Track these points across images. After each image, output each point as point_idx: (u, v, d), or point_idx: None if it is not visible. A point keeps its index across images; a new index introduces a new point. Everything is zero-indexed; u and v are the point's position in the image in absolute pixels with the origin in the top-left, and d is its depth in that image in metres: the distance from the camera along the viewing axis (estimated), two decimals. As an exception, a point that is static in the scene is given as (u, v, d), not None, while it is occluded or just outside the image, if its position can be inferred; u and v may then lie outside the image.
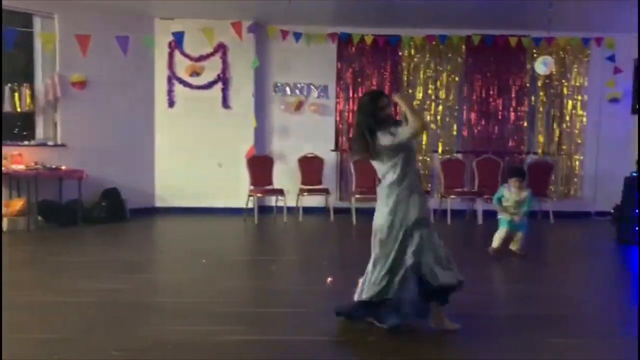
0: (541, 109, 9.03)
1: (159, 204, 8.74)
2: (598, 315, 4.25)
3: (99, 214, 7.67)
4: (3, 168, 6.85)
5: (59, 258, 5.63)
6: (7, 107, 7.43)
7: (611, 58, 8.59)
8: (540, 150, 9.03)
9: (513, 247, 6.11)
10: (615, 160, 8.57)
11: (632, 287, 5.31)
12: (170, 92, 8.67)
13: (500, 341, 3.56)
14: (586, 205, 9.03)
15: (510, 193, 6.04)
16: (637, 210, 6.72)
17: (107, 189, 7.90)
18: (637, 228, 6.73)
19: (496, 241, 6.01)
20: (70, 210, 7.44)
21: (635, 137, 8.83)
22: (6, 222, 6.84)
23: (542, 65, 7.96)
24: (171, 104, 8.67)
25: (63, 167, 7.46)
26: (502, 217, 6.07)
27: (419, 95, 8.95)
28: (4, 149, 6.97)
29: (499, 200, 6.10)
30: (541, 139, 9.06)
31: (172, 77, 8.64)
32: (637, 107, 7.74)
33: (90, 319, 3.79)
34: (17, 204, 7.04)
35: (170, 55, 8.61)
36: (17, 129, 7.91)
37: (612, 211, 8.25)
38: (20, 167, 7.12)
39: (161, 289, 4.77)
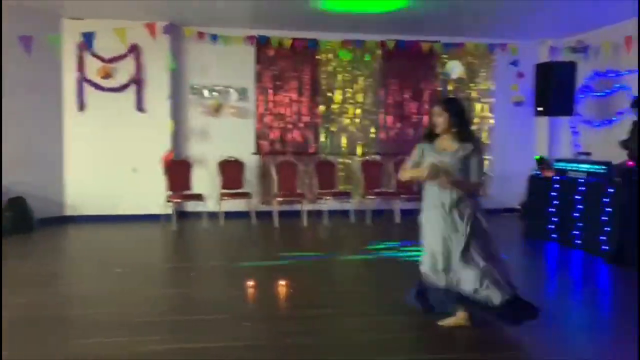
0: (452, 112, 9.43)
1: (69, 212, 8.31)
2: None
3: (3, 225, 7.17)
4: None
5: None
6: None
7: (514, 63, 9.15)
8: (452, 151, 9.42)
9: None
10: (520, 159, 9.13)
11: (540, 278, 5.69)
12: (80, 94, 8.27)
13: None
14: (495, 202, 9.53)
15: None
16: (549, 209, 7.18)
17: (11, 198, 7.40)
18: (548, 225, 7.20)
19: None
20: (-31, 222, 6.91)
21: (537, 137, 9.48)
22: None
23: (452, 70, 8.35)
24: (82, 107, 8.27)
25: (-39, 176, 6.92)
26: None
27: (338, 99, 9.10)
28: None
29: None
30: (453, 140, 9.46)
31: (83, 79, 8.25)
32: (538, 109, 8.27)
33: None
34: None
35: (80, 57, 8.22)
36: None
37: (518, 208, 8.79)
38: None
39: (75, 301, 4.53)
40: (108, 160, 8.31)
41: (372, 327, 3.87)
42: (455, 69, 8.64)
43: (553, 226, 6.99)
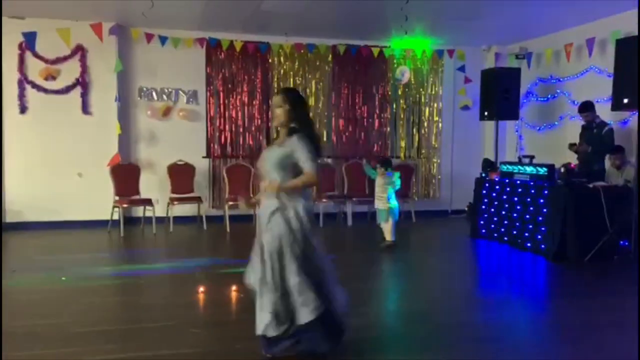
0: (402, 116, 9.61)
1: (10, 219, 7.97)
2: (454, 304, 4.61)
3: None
4: None
5: None
6: None
7: (461, 69, 9.39)
8: (402, 154, 9.61)
9: (387, 237, 6.72)
10: (467, 162, 9.38)
11: (482, 277, 5.84)
12: (21, 97, 7.95)
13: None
14: (444, 204, 9.77)
15: (378, 178, 6.83)
16: (493, 210, 7.39)
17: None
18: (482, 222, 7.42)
19: (387, 234, 6.78)
20: None
21: (483, 141, 9.75)
22: None
23: (401, 75, 8.50)
24: (23, 109, 7.96)
25: None
26: (379, 209, 6.79)
27: (289, 102, 9.08)
28: None
29: (371, 172, 7.02)
30: (403, 143, 9.64)
31: (24, 81, 7.94)
32: (484, 114, 8.52)
33: None
34: None
35: (21, 57, 7.91)
36: None
37: (465, 209, 9.02)
38: None
39: (16, 311, 4.32)
40: (52, 164, 8.02)
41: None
42: (404, 73, 8.80)
43: (498, 226, 7.20)
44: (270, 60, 8.98)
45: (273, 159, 3.20)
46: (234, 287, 4.75)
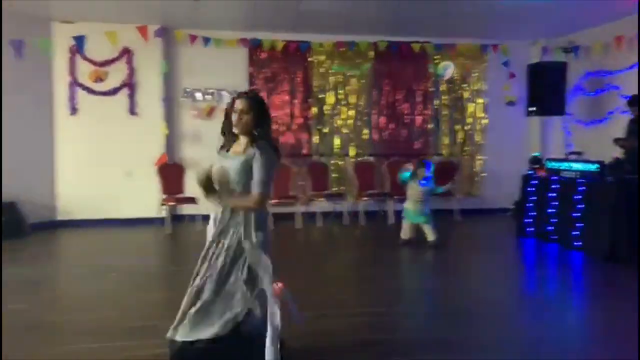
0: (444, 112, 9.48)
1: (62, 217, 8.27)
2: (500, 305, 4.52)
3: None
4: None
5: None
6: None
7: (506, 63, 9.18)
8: (445, 152, 9.47)
9: (428, 238, 6.62)
10: (513, 159, 9.16)
11: (530, 278, 5.71)
12: (72, 98, 8.23)
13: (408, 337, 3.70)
14: (489, 202, 9.58)
15: (416, 184, 6.66)
16: (543, 209, 7.21)
17: (3, 203, 7.36)
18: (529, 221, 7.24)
19: (404, 232, 6.73)
20: (-39, 228, 6.86)
21: (529, 137, 9.51)
22: None
23: (444, 70, 8.38)
24: (74, 111, 8.24)
25: (-49, 181, 6.88)
26: (406, 209, 6.70)
27: (330, 100, 9.10)
28: None
29: (405, 178, 6.76)
30: (445, 140, 9.50)
31: (74, 83, 8.22)
32: (530, 109, 8.31)
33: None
34: None
35: (72, 60, 8.19)
36: None
37: (511, 207, 8.82)
38: None
39: (66, 306, 4.50)
40: (101, 164, 8.28)
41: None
42: (447, 69, 8.66)
43: (546, 225, 7.01)
44: (310, 59, 9.01)
45: (238, 168, 2.99)
46: (279, 284, 4.78)
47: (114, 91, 8.31)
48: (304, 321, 3.16)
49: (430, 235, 6.63)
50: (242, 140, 3.09)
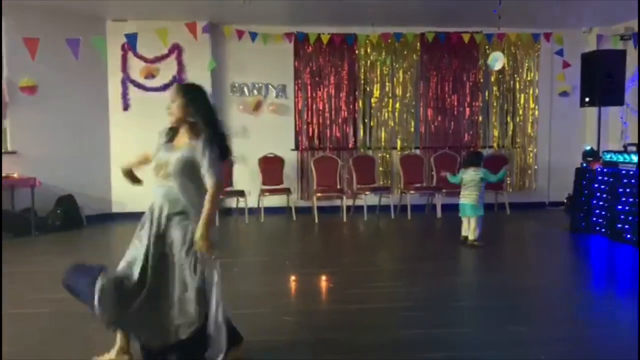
0: (495, 104, 9.25)
1: (116, 209, 8.55)
2: (556, 302, 4.39)
3: (54, 222, 7.47)
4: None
5: (15, 269, 5.43)
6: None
7: (560, 53, 8.87)
8: (495, 144, 9.25)
9: (470, 236, 6.31)
10: (567, 152, 8.87)
11: (584, 273, 5.52)
12: (124, 95, 8.49)
13: (463, 332, 3.64)
14: (540, 196, 9.31)
15: (467, 175, 6.36)
16: (596, 202, 6.96)
17: (61, 196, 7.68)
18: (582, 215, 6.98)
19: (465, 229, 6.37)
20: (23, 220, 7.20)
21: (583, 129, 9.17)
22: (-46, 234, 6.57)
23: (494, 61, 8.16)
24: (126, 107, 8.49)
25: (15, 175, 7.21)
26: (462, 204, 6.34)
27: (377, 93, 9.04)
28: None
29: (456, 177, 6.51)
30: (496, 133, 9.28)
31: (127, 80, 8.46)
32: (585, 100, 8.00)
33: (47, 331, 3.68)
34: (-34, 214, 6.78)
35: (124, 58, 8.43)
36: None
37: (564, 201, 8.54)
38: (-32, 176, 6.85)
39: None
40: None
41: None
42: (497, 60, 8.42)
43: (601, 220, 6.76)
44: (357, 52, 8.97)
45: (177, 164, 2.98)
46: (323, 277, 4.82)
47: (164, 87, 8.50)
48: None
49: (473, 232, 6.26)
50: (182, 131, 3.09)
